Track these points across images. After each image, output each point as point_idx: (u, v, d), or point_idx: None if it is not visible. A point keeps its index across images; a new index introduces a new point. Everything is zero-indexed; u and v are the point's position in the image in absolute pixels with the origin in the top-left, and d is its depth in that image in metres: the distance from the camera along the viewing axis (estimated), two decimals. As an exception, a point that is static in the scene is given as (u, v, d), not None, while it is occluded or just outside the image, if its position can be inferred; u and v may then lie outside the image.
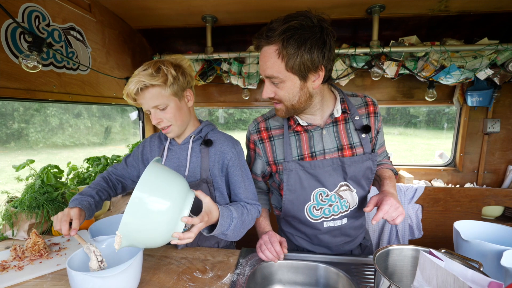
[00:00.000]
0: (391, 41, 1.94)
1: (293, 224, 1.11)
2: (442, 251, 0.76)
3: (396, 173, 1.13)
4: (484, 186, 2.37)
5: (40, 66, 1.13)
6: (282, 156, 1.01)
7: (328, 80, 0.91)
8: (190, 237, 0.77)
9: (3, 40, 1.15)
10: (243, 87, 2.30)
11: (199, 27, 2.04)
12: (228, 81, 2.28)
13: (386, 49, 1.84)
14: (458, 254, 0.73)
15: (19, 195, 1.26)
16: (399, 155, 10.34)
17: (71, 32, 1.54)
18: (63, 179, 1.44)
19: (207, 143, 1.03)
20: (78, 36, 1.60)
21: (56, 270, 0.95)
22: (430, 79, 1.98)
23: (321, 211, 1.01)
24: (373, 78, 2.04)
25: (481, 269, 0.65)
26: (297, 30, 0.77)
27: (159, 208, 0.70)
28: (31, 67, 1.10)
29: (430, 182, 2.49)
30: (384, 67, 1.95)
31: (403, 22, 1.97)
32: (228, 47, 2.10)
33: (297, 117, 0.98)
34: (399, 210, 0.86)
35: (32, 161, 1.28)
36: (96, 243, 0.87)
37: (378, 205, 0.88)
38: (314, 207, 1.01)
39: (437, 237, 2.19)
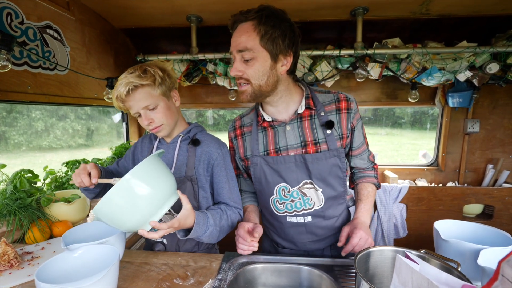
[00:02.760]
0: (375, 43, 1.97)
1: (265, 215, 1.14)
2: (422, 251, 0.76)
3: (378, 186, 1.11)
4: (465, 184, 2.44)
5: (10, 65, 1.08)
6: (250, 152, 1.04)
7: (293, 72, 0.95)
8: (153, 237, 0.81)
9: (-30, 38, 1.09)
10: (229, 88, 2.28)
11: (184, 27, 2.00)
12: (214, 82, 2.25)
13: (370, 51, 1.87)
14: (437, 254, 0.74)
15: (-10, 201, 1.19)
16: (386, 155, 10.57)
17: (48, 30, 1.48)
18: (39, 184, 1.37)
19: (195, 142, 1.07)
20: (56, 35, 1.53)
21: (27, 281, 0.90)
22: (413, 80, 2.03)
23: (284, 206, 1.02)
24: (357, 79, 2.07)
25: (459, 269, 0.66)
26: (273, 13, 0.84)
27: (141, 198, 0.72)
28: (0, 67, 1.05)
29: (414, 181, 2.54)
30: (368, 69, 1.98)
31: (387, 24, 2.01)
32: (214, 48, 2.07)
33: (262, 112, 1.00)
34: (368, 242, 0.91)
35: (4, 166, 1.21)
36: (69, 252, 0.82)
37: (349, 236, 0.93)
38: (278, 201, 1.02)
39: (421, 235, 2.24)
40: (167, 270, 0.97)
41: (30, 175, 1.28)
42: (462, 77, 1.93)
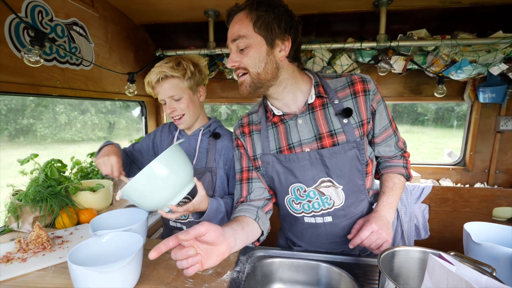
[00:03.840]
0: (399, 35, 1.88)
1: (281, 212, 1.06)
2: (452, 253, 0.72)
3: (408, 177, 0.99)
4: (496, 186, 2.30)
5: (42, 60, 1.13)
6: (260, 150, 0.95)
7: (296, 58, 0.87)
8: (170, 217, 0.90)
9: (6, 35, 1.15)
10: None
11: (201, 22, 2.01)
12: (230, 76, 2.26)
13: (393, 43, 1.79)
14: (469, 258, 0.69)
15: (24, 188, 1.27)
16: (405, 153, 10.15)
17: (74, 27, 1.54)
18: (66, 174, 1.45)
19: (216, 136, 1.14)
20: (81, 31, 1.59)
21: (58, 263, 0.96)
22: (440, 74, 1.93)
23: (300, 206, 0.94)
24: (379, 73, 1.99)
25: (494, 274, 0.62)
26: (263, 1, 0.81)
27: (164, 182, 0.80)
28: (33, 62, 1.10)
29: (438, 181, 2.43)
30: (391, 62, 1.90)
31: (412, 15, 1.91)
32: (232, 42, 2.07)
33: (272, 107, 0.92)
34: (382, 237, 0.81)
35: (36, 155, 1.29)
36: (97, 237, 0.86)
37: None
38: (293, 200, 0.95)
39: (445, 238, 2.14)
40: (187, 260, 0.99)
41: (59, 164, 1.35)
42: (496, 70, 1.81)
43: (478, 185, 2.32)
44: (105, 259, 0.84)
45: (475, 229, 0.91)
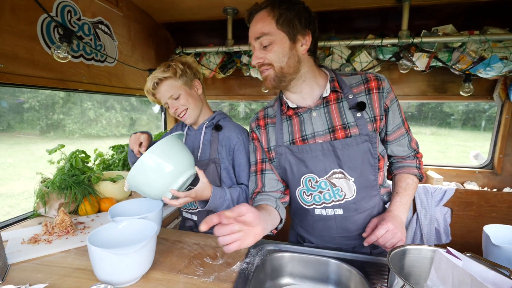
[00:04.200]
0: (423, 31, 1.81)
1: (292, 207, 1.08)
2: (468, 254, 0.69)
3: (421, 177, 1.00)
4: (527, 191, 2.14)
5: (69, 56, 1.21)
6: (274, 142, 0.99)
7: (315, 53, 0.93)
8: (173, 204, 0.94)
9: (39, 33, 1.24)
10: (262, 80, 2.28)
11: (220, 20, 2.05)
12: (248, 73, 2.27)
13: (416, 40, 1.72)
14: (485, 260, 0.66)
15: (51, 176, 1.36)
16: (430, 156, 9.71)
17: (100, 25, 1.62)
18: (90, 164, 1.53)
19: (217, 128, 1.18)
20: (106, 29, 1.68)
21: (79, 246, 1.02)
22: (467, 72, 1.83)
23: (311, 197, 0.96)
24: (400, 71, 1.93)
25: None
26: None
27: (157, 171, 0.88)
28: (61, 58, 1.18)
29: (462, 184, 2.31)
30: (413, 59, 1.83)
31: (438, 10, 1.82)
32: (250, 40, 2.09)
33: (287, 100, 0.96)
34: (397, 236, 0.83)
35: (63, 146, 1.38)
36: (115, 223, 0.91)
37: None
38: (304, 192, 0.97)
39: (468, 243, 2.04)
40: (198, 249, 1.02)
41: (83, 155, 1.43)
42: (529, 67, 1.69)
43: (507, 189, 2.18)
44: (121, 243, 0.88)
45: (495, 232, 0.87)
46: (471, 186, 2.25)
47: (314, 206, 0.97)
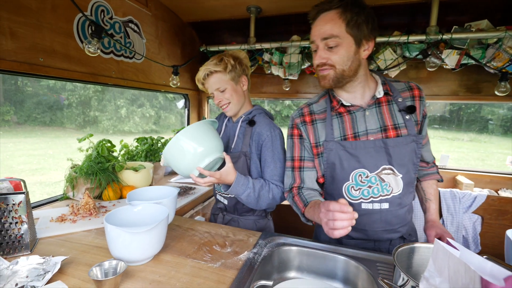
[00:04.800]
0: (454, 27, 1.70)
1: None
2: (484, 256, 0.65)
3: (441, 180, 1.13)
4: None
5: (99, 51, 1.30)
6: (323, 138, 1.01)
7: (372, 57, 0.99)
8: (199, 181, 1.05)
9: (74, 30, 1.36)
10: (283, 77, 2.28)
11: (243, 19, 2.09)
12: (269, 71, 2.29)
13: (446, 36, 1.62)
14: (503, 262, 0.62)
15: (80, 163, 1.48)
16: (467, 164, 9.03)
17: (130, 24, 1.73)
18: (115, 154, 1.63)
19: (251, 123, 1.24)
20: (135, 28, 1.78)
21: (100, 227, 1.11)
22: (503, 70, 1.69)
23: (359, 192, 0.98)
24: (428, 69, 1.83)
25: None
26: (356, 0, 0.87)
27: (186, 150, 1.01)
28: (92, 52, 1.28)
29: (496, 192, 2.13)
30: (442, 56, 1.73)
31: (472, 5, 1.71)
32: (271, 38, 2.10)
33: (340, 98, 1.00)
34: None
35: (91, 135, 1.49)
36: (131, 206, 0.97)
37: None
38: (353, 187, 0.98)
39: (499, 254, 1.86)
40: (208, 237, 1.05)
41: (109, 144, 1.54)
42: None
43: (549, 201, 1.97)
44: (135, 225, 0.94)
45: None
46: (507, 193, 2.06)
47: (361, 200, 0.99)
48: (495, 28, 1.63)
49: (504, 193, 2.08)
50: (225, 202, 1.31)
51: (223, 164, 1.11)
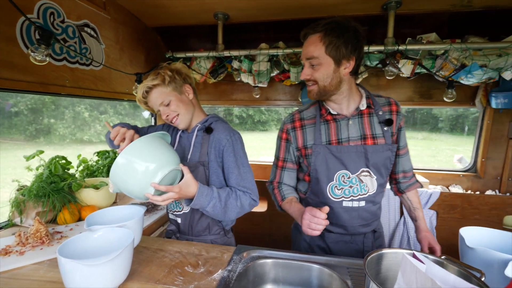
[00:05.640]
0: (408, 38, 1.84)
1: (313, 203, 1.17)
2: (443, 257, 0.71)
3: (421, 186, 1.28)
4: (508, 194, 2.19)
5: (47, 59, 1.18)
6: (312, 141, 1.12)
7: (356, 73, 1.07)
8: (157, 200, 0.95)
9: (18, 35, 1.21)
10: (253, 85, 2.29)
11: (211, 25, 2.05)
12: (239, 79, 2.28)
13: (401, 47, 1.75)
14: (459, 262, 0.68)
15: (29, 184, 1.31)
16: (421, 161, 9.89)
17: (85, 28, 1.60)
18: (72, 171, 1.49)
19: (208, 130, 1.18)
20: (92, 32, 1.65)
21: (54, 257, 0.98)
22: (450, 78, 1.87)
23: (341, 191, 1.10)
24: (387, 77, 1.96)
25: (483, 279, 0.60)
26: (338, 25, 0.97)
27: (136, 169, 0.90)
28: (39, 60, 1.15)
29: (447, 187, 2.34)
30: (399, 66, 1.86)
31: (423, 19, 1.87)
32: (240, 45, 2.09)
33: (328, 107, 1.11)
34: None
35: (42, 152, 1.33)
36: (90, 232, 0.88)
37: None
38: (336, 186, 1.10)
39: (453, 245, 2.04)
40: (180, 257, 1.00)
41: (63, 161, 1.39)
42: (508, 75, 1.74)
43: (489, 192, 2.22)
44: (96, 254, 0.85)
45: (471, 234, 0.89)
46: (456, 189, 2.29)
47: (342, 199, 1.11)
48: (442, 40, 1.80)
49: (453, 189, 2.30)
50: (178, 220, 1.22)
51: (182, 178, 1.03)
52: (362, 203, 1.11)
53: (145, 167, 0.91)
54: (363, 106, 1.10)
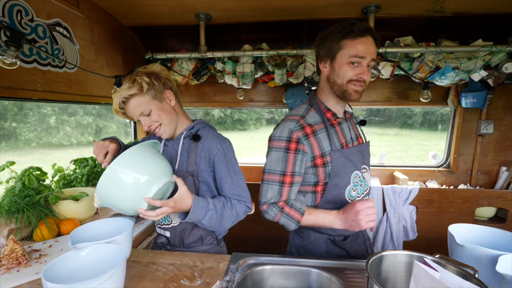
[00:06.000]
0: (387, 41, 1.92)
1: (332, 209, 1.09)
2: (437, 256, 0.74)
3: None
4: (478, 187, 2.37)
5: (18, 62, 1.08)
6: (328, 148, 1.06)
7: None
8: (150, 216, 0.89)
9: (-19, 35, 1.09)
10: (237, 87, 2.26)
11: (193, 25, 1.99)
12: (222, 80, 2.24)
13: (381, 50, 1.82)
14: (453, 260, 0.71)
15: (-1, 198, 1.20)
16: (394, 156, 10.42)
17: (57, 28, 1.48)
18: (47, 182, 1.38)
19: (195, 138, 1.10)
20: (65, 32, 1.54)
21: (34, 279, 0.89)
22: (425, 80, 1.97)
23: (356, 192, 1.12)
24: (368, 79, 2.02)
25: (476, 276, 0.63)
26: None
27: (128, 182, 0.83)
28: (8, 64, 1.05)
29: (424, 183, 2.48)
30: (379, 68, 1.93)
31: (399, 22, 1.96)
32: (223, 46, 2.06)
33: (334, 111, 1.11)
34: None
35: (13, 163, 1.22)
36: (76, 251, 0.82)
37: None
38: (352, 188, 1.11)
39: (432, 238, 2.19)
40: (174, 270, 0.96)
41: (38, 172, 1.28)
42: (476, 77, 1.87)
43: (461, 186, 2.39)
44: (85, 275, 0.79)
45: (459, 231, 0.93)
46: (432, 184, 2.43)
47: (356, 199, 1.11)
48: (418, 44, 1.89)
49: (430, 184, 2.44)
50: (167, 234, 1.15)
51: (175, 189, 0.95)
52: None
53: (137, 180, 0.84)
54: (349, 108, 1.17)
